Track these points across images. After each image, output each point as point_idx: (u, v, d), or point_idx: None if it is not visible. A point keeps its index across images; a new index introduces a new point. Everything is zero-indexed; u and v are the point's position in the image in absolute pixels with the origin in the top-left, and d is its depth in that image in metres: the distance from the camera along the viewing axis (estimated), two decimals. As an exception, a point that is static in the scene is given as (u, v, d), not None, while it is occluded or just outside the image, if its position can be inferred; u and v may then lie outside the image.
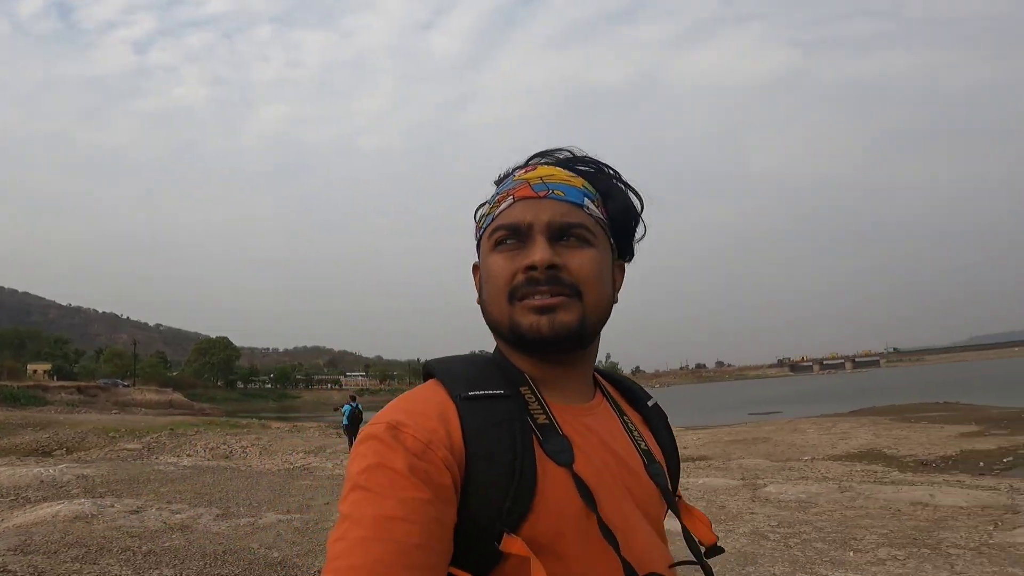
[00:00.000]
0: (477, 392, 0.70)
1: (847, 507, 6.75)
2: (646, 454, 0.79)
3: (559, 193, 0.76)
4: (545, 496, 0.66)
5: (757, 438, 15.84)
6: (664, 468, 0.80)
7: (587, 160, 0.83)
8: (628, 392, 0.88)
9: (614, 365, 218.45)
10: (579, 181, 0.79)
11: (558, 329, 0.71)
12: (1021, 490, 7.34)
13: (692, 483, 8.57)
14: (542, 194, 0.76)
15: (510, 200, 0.77)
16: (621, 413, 0.82)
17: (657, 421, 0.86)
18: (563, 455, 0.69)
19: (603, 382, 0.86)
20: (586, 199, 0.78)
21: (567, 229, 0.75)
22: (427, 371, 0.76)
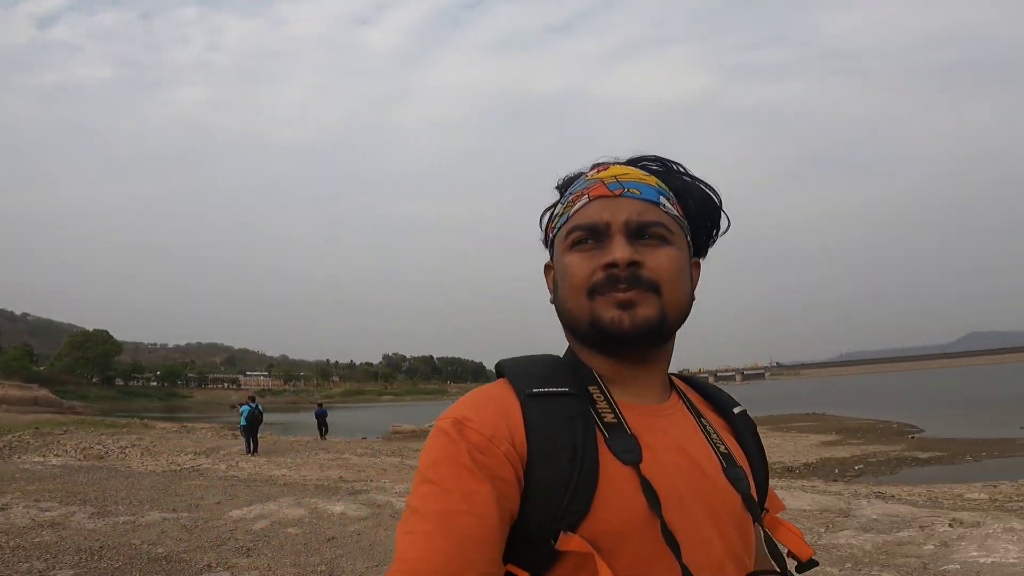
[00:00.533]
0: (542, 389, 0.70)
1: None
2: (726, 457, 0.75)
3: (635, 191, 0.76)
4: (607, 495, 0.65)
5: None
6: (748, 474, 0.77)
7: (655, 158, 0.83)
8: (710, 398, 0.86)
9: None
10: (653, 179, 0.78)
11: (639, 323, 0.71)
12: (860, 494, 8.32)
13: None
14: (617, 192, 0.75)
15: (585, 199, 0.76)
16: (699, 415, 0.80)
17: (743, 428, 0.83)
18: (630, 454, 0.67)
19: (681, 386, 0.84)
20: (661, 197, 0.77)
21: (645, 228, 0.74)
22: (498, 370, 0.77)
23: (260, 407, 16.31)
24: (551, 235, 0.82)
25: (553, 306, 0.79)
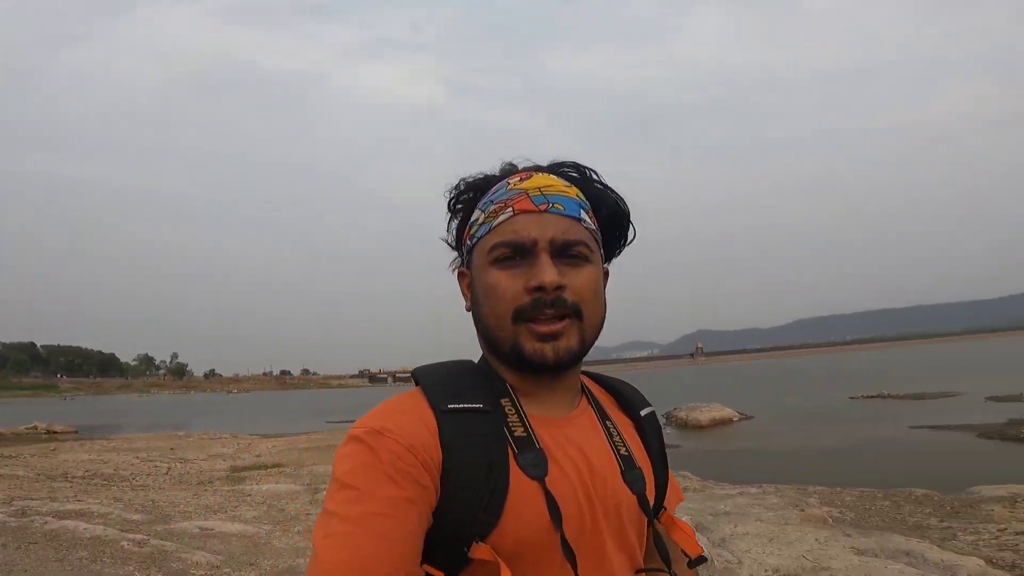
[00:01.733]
0: (457, 405, 0.71)
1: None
2: (625, 460, 0.78)
3: (559, 207, 0.75)
4: (515, 508, 0.68)
5: (332, 445, 16.43)
6: (645, 475, 0.79)
7: (573, 165, 0.82)
8: (620, 397, 0.87)
9: (182, 366, 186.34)
10: (574, 191, 0.78)
11: (562, 355, 0.72)
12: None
13: (256, 489, 8.42)
14: (542, 207, 0.74)
15: (509, 212, 0.75)
16: (604, 418, 0.81)
17: (649, 429, 0.85)
18: (536, 469, 0.70)
19: (591, 387, 0.85)
20: (582, 211, 0.77)
21: (569, 247, 0.74)
22: (415, 378, 0.76)
23: None
24: (468, 243, 0.80)
25: (469, 313, 0.80)
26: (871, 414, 19.99)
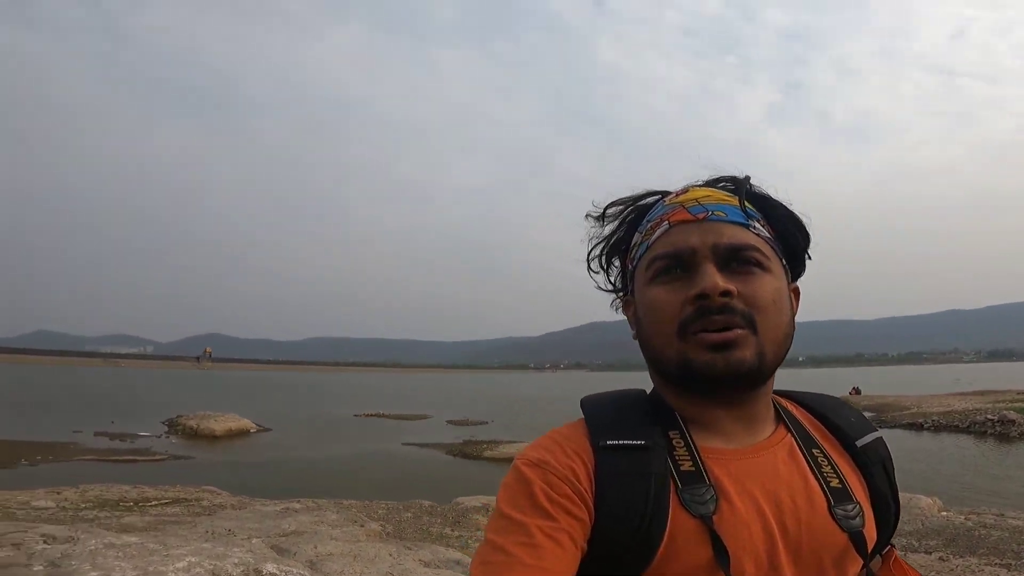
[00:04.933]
0: (616, 442, 0.69)
1: None
2: (836, 493, 0.69)
3: (720, 214, 0.70)
4: (673, 548, 0.64)
5: None
6: (864, 511, 0.70)
7: (731, 178, 0.75)
8: (829, 422, 0.77)
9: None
10: (736, 200, 0.72)
11: (735, 367, 0.66)
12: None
13: None
14: (701, 216, 0.70)
15: (666, 226, 0.71)
16: (812, 446, 0.73)
17: (870, 459, 0.74)
18: (702, 506, 0.65)
19: (795, 412, 0.77)
20: (751, 219, 0.71)
21: (736, 252, 0.68)
22: (582, 406, 0.75)
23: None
24: (630, 267, 0.78)
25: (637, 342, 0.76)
26: (373, 430, 22.83)
